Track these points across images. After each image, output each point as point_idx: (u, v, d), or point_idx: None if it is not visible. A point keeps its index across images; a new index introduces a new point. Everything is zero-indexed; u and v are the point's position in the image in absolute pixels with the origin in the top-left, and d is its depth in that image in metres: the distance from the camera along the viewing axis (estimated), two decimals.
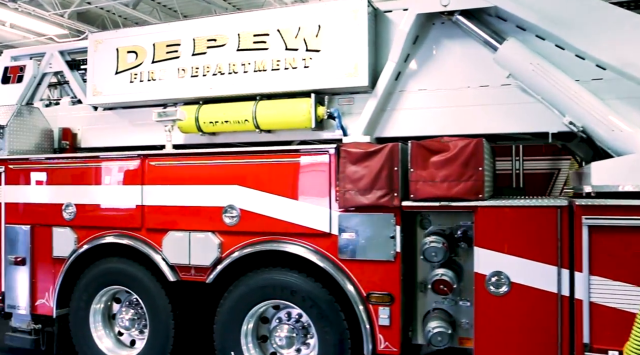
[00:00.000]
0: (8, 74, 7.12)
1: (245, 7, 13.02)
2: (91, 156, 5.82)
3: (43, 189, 6.06)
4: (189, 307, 5.63)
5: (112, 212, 5.70)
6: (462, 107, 5.25)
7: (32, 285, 6.11)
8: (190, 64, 5.89)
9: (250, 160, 5.15)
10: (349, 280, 4.85)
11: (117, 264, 5.74)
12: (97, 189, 5.78)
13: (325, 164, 4.90)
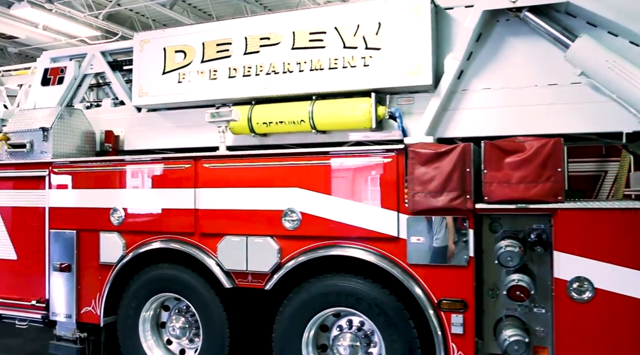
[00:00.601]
0: (48, 75, 6.96)
1: (276, 8, 12.84)
2: (141, 159, 5.63)
3: (89, 193, 5.88)
4: (244, 315, 5.42)
5: (162, 217, 5.52)
6: (529, 106, 5.06)
7: (78, 293, 5.92)
8: (242, 63, 5.71)
9: (312, 161, 4.95)
10: (418, 286, 4.65)
11: (168, 270, 5.55)
12: (147, 192, 5.60)
13: (391, 165, 4.71)
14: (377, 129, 5.41)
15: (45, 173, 6.10)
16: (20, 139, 6.35)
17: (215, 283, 5.33)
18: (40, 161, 6.16)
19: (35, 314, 6.15)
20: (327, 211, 4.90)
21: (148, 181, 5.59)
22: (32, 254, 6.21)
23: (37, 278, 6.17)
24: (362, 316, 4.86)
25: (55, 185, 6.07)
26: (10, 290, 6.33)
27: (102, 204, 5.80)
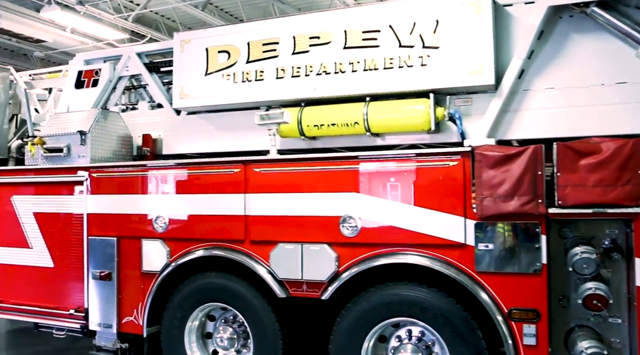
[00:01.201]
0: (82, 78, 6.76)
1: (306, 9, 12.63)
2: (188, 163, 5.41)
3: (131, 199, 5.67)
4: (297, 325, 5.20)
5: (210, 223, 5.30)
6: (595, 106, 4.87)
7: (119, 302, 5.70)
8: (290, 64, 5.51)
9: (372, 165, 4.73)
10: (487, 295, 4.42)
11: (216, 279, 5.33)
12: (192, 198, 5.38)
13: (457, 169, 4.49)
14: (434, 131, 5.19)
15: (84, 178, 5.89)
16: (56, 143, 6.15)
17: (266, 292, 5.11)
18: (78, 165, 5.94)
19: (73, 323, 5.94)
20: (387, 217, 4.69)
21: (194, 186, 5.37)
22: (70, 261, 5.99)
23: (75, 286, 5.95)
24: (426, 326, 4.64)
25: (94, 191, 5.85)
26: (47, 298, 6.12)
27: (145, 210, 5.58)
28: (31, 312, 6.22)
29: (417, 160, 4.64)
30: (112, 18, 12.10)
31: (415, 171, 4.63)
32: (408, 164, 4.65)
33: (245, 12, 12.59)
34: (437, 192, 4.56)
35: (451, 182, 4.52)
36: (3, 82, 7.18)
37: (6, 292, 6.41)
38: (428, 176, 4.60)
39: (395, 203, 4.66)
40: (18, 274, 6.33)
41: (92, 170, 5.88)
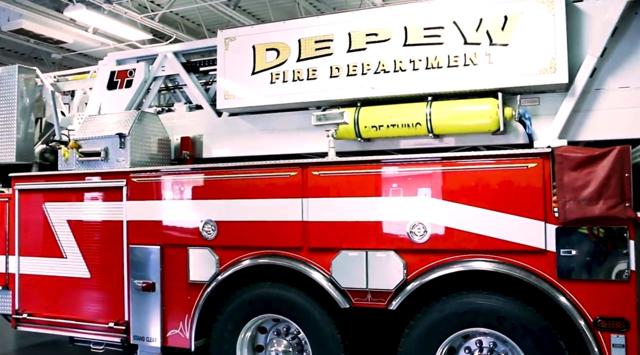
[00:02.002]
0: (115, 78, 6.46)
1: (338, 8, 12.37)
2: (238, 166, 5.13)
3: (176, 205, 5.37)
4: (360, 337, 4.92)
5: (263, 230, 5.01)
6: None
7: (163, 314, 5.39)
8: (346, 62, 5.26)
9: (442, 167, 4.48)
10: (571, 304, 4.18)
11: (271, 289, 5.04)
12: (243, 203, 5.09)
13: (536, 171, 4.25)
14: (499, 133, 4.95)
15: (123, 183, 5.58)
16: (93, 146, 5.83)
17: (326, 302, 4.83)
18: (118, 170, 5.63)
19: (113, 337, 5.61)
20: (460, 222, 4.43)
21: (246, 191, 5.09)
22: (108, 271, 5.67)
23: (114, 298, 5.63)
24: (502, 337, 4.38)
25: (135, 197, 5.55)
26: (83, 311, 5.80)
27: (191, 217, 5.29)
28: (66, 325, 5.89)
29: (491, 162, 4.39)
30: (138, 17, 11.77)
31: (490, 173, 4.38)
32: (482, 166, 4.41)
33: (269, 14, 12.32)
34: (514, 195, 4.32)
35: (529, 184, 4.28)
36: (28, 84, 6.84)
37: (38, 305, 6.08)
38: (504, 179, 4.35)
39: (468, 207, 4.42)
40: (51, 285, 6.00)
41: (133, 175, 5.57)
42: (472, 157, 4.45)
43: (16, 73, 6.69)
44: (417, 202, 4.52)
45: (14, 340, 8.22)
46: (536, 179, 4.26)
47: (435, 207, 4.48)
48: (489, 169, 4.39)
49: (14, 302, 6.18)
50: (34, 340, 7.99)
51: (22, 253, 6.17)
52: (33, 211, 6.12)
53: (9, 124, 6.70)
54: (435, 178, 4.50)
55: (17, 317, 6.13)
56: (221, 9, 12.07)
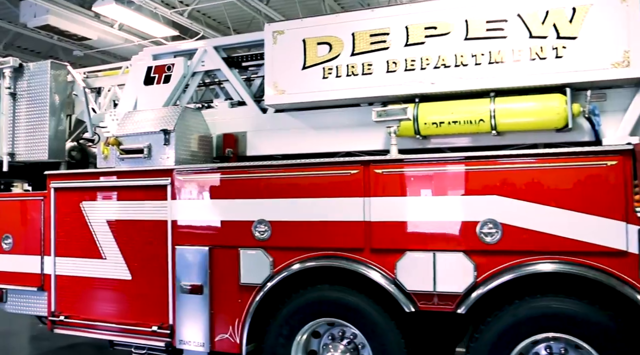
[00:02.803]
0: (152, 74, 6.24)
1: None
2: (293, 164, 4.94)
3: (225, 204, 5.16)
4: (424, 342, 4.74)
5: (321, 230, 4.82)
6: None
7: (212, 318, 5.18)
8: (403, 56, 5.08)
9: (515, 165, 4.31)
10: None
11: (330, 291, 4.85)
12: (300, 202, 4.90)
13: (616, 169, 4.08)
14: (566, 130, 4.78)
15: (167, 182, 5.37)
16: (134, 143, 5.61)
17: (388, 306, 4.64)
18: (163, 168, 5.42)
19: (156, 341, 5.40)
20: (533, 222, 4.26)
21: (303, 189, 4.89)
22: (151, 273, 5.47)
23: (157, 301, 5.42)
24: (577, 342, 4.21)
25: (181, 196, 5.34)
26: (124, 314, 5.58)
27: (243, 217, 5.09)
28: (104, 328, 5.67)
29: (567, 159, 4.21)
30: (168, 13, 11.52)
31: (565, 172, 4.21)
32: (557, 164, 4.23)
33: (293, 11, 12.10)
34: (591, 194, 4.15)
35: (609, 183, 4.12)
36: (59, 80, 6.61)
37: (75, 307, 5.86)
38: (580, 177, 4.18)
39: (541, 207, 4.24)
40: (89, 286, 5.78)
41: (179, 173, 5.36)
42: (547, 155, 4.28)
43: (48, 69, 6.48)
44: (488, 202, 4.35)
45: (28, 345, 7.99)
46: (616, 177, 4.09)
47: (508, 207, 4.30)
48: (564, 166, 4.22)
49: (49, 304, 5.96)
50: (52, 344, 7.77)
51: (58, 253, 5.95)
52: (70, 210, 5.91)
53: (41, 121, 6.49)
54: (507, 176, 4.33)
55: (53, 319, 5.90)
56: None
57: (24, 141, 6.56)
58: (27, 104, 6.56)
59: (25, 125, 6.55)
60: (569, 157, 4.21)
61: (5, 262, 6.24)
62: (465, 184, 4.41)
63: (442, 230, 4.46)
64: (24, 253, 6.14)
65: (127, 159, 5.66)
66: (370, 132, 5.44)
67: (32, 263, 6.08)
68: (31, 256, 6.09)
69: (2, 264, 6.26)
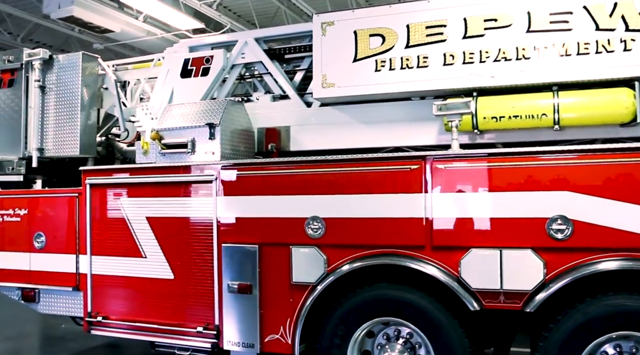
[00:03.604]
0: (189, 66, 6.05)
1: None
2: (349, 159, 4.78)
3: (276, 200, 4.99)
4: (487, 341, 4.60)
5: (378, 227, 4.67)
6: None
7: (261, 318, 5.01)
8: (461, 49, 4.94)
9: (584, 160, 4.17)
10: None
11: (388, 290, 4.70)
12: (356, 199, 4.74)
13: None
14: (631, 125, 4.67)
15: (213, 177, 5.19)
16: (176, 137, 5.43)
17: (449, 304, 4.50)
18: (208, 163, 5.24)
19: (202, 342, 5.23)
20: (606, 218, 4.13)
21: (359, 185, 4.74)
22: (195, 272, 5.28)
23: (202, 301, 5.25)
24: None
25: (227, 192, 5.16)
26: (167, 314, 5.39)
27: (294, 214, 4.92)
28: (145, 329, 5.48)
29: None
30: (198, 4, 11.29)
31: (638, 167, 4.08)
32: (629, 159, 4.11)
33: (317, 6, 11.92)
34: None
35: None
36: (90, 73, 6.41)
37: (113, 307, 5.66)
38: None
39: (614, 202, 4.11)
40: (128, 286, 5.59)
41: (225, 168, 5.18)
42: (619, 150, 4.16)
43: (80, 61, 6.27)
44: (558, 198, 4.21)
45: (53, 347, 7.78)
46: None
47: (579, 203, 4.17)
48: (636, 161, 4.09)
49: (86, 304, 5.75)
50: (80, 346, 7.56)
51: (94, 252, 5.74)
52: (107, 207, 5.71)
53: (72, 115, 6.28)
54: (578, 171, 4.19)
55: (90, 320, 5.69)
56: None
57: (54, 136, 6.35)
58: (57, 98, 6.36)
59: (55, 119, 6.35)
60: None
61: (38, 261, 6.03)
62: (534, 180, 4.27)
63: (508, 227, 4.32)
64: (57, 252, 5.93)
65: (169, 154, 5.46)
66: (422, 126, 5.32)
67: (66, 262, 5.87)
68: (65, 255, 5.88)
69: (34, 263, 6.04)
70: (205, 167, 5.25)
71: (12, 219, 6.20)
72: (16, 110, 6.45)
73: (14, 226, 6.19)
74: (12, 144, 6.44)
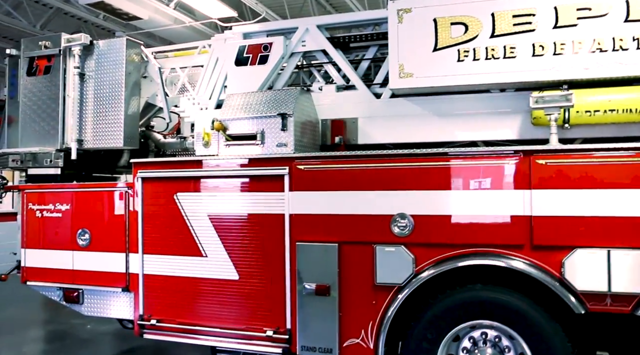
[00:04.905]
0: (245, 54, 5.70)
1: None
2: (440, 153, 4.52)
3: (357, 196, 4.71)
4: (589, 345, 4.40)
5: (471, 226, 4.43)
6: None
7: (340, 321, 4.72)
8: (552, 39, 4.72)
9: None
10: None
11: (484, 292, 4.46)
12: (447, 195, 4.50)
13: None
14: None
15: (285, 171, 4.87)
16: (243, 128, 5.09)
17: (549, 307, 4.29)
18: (281, 156, 4.92)
19: (271, 347, 4.92)
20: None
21: (449, 181, 4.49)
22: (263, 272, 4.97)
23: (271, 302, 4.94)
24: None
25: (301, 187, 4.85)
26: (231, 318, 5.07)
27: (379, 210, 4.64)
28: (206, 333, 5.14)
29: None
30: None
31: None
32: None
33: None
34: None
35: None
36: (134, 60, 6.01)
37: (168, 310, 5.29)
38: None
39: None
40: (186, 287, 5.23)
41: (299, 162, 4.87)
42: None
43: (124, 47, 5.86)
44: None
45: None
46: None
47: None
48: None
49: (137, 307, 5.37)
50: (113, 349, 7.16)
51: (146, 251, 5.37)
52: (161, 203, 5.34)
53: (115, 104, 5.88)
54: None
55: (142, 323, 5.32)
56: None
57: (94, 127, 5.94)
58: (98, 86, 5.95)
59: (96, 109, 5.94)
60: None
61: (82, 259, 5.62)
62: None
63: (617, 226, 4.12)
64: (104, 250, 5.53)
65: (233, 146, 5.11)
66: (501, 120, 5.12)
67: (115, 261, 5.48)
68: (114, 253, 5.49)
69: (78, 262, 5.63)
70: (277, 160, 4.92)
71: (52, 215, 5.78)
72: (53, 99, 6.01)
73: (54, 222, 5.77)
74: (47, 134, 6.01)
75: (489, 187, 4.40)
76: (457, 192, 4.47)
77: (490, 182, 4.40)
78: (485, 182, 4.41)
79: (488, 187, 4.41)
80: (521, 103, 4.96)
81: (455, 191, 4.48)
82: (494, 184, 4.39)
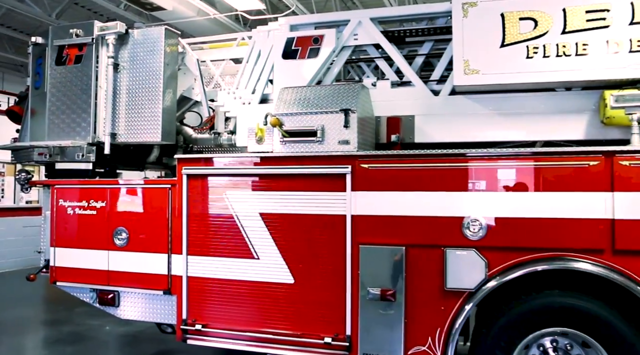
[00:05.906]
0: (294, 46, 5.44)
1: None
2: (516, 153, 4.34)
3: (426, 198, 4.49)
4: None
5: (548, 229, 4.24)
6: None
7: (406, 327, 4.50)
8: (628, 36, 4.57)
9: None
10: None
11: (562, 298, 4.28)
12: (523, 197, 4.31)
13: None
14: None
15: (347, 170, 4.63)
16: (300, 124, 4.83)
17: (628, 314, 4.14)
18: (344, 154, 4.68)
19: (330, 354, 4.64)
20: None
21: (526, 182, 4.30)
22: (322, 276, 4.73)
23: (330, 307, 4.70)
24: None
25: (365, 187, 4.62)
26: (285, 323, 4.81)
27: (450, 212, 4.44)
28: (257, 339, 4.87)
29: None
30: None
31: None
32: None
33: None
34: None
35: None
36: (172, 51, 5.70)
37: (215, 315, 5.01)
38: None
39: None
40: (234, 291, 4.96)
41: (363, 160, 4.64)
42: None
43: (163, 37, 5.55)
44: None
45: None
46: None
47: None
48: None
49: (180, 311, 5.07)
50: None
51: (191, 252, 5.08)
52: (208, 202, 5.06)
53: (152, 96, 5.57)
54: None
55: (186, 328, 5.02)
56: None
57: (129, 120, 5.62)
58: (133, 77, 5.63)
59: (132, 101, 5.62)
60: None
61: (119, 260, 5.29)
62: None
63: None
64: (143, 250, 5.21)
65: (289, 142, 4.85)
66: (566, 120, 4.94)
67: (155, 262, 5.17)
68: (154, 254, 5.18)
69: (114, 263, 5.30)
70: (339, 158, 4.67)
71: (85, 212, 5.43)
72: (84, 90, 5.66)
73: (88, 220, 5.42)
74: (77, 127, 5.65)
75: (567, 189, 4.23)
76: (533, 194, 4.29)
77: (569, 183, 4.22)
78: (563, 183, 4.23)
79: (567, 189, 4.23)
80: (588, 102, 4.82)
81: (530, 193, 4.29)
82: (572, 185, 4.22)
